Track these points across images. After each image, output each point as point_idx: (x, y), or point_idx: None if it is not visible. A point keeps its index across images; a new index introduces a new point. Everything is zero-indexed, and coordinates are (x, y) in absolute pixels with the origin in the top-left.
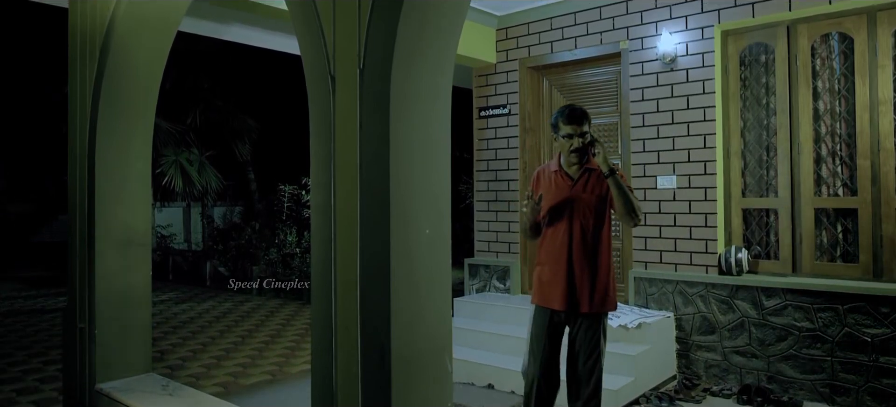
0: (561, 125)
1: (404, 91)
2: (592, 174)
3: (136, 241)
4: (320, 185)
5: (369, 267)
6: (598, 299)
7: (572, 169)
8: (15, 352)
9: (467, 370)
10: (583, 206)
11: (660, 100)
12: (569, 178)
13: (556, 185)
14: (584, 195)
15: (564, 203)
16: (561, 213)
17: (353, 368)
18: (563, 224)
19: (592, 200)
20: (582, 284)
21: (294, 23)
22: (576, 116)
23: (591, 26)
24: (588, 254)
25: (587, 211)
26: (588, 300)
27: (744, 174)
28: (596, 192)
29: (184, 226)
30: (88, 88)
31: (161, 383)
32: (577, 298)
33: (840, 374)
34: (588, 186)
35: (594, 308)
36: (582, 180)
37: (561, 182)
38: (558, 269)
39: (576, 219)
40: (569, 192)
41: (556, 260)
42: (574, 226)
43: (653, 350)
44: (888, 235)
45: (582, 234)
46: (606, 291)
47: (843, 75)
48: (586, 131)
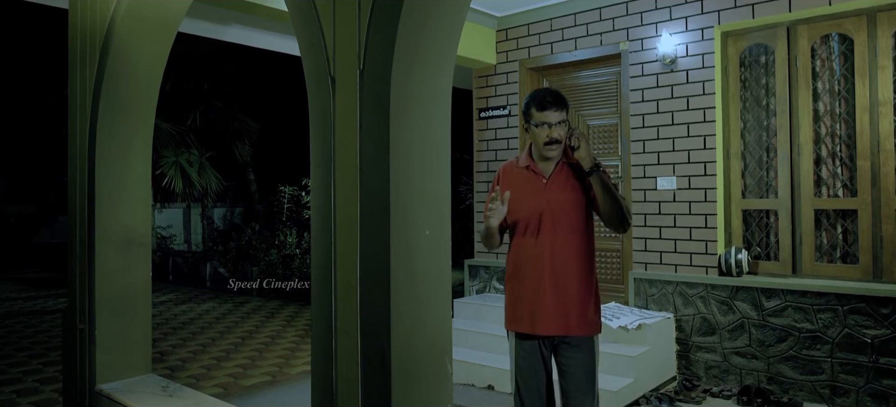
0: (533, 112)
1: (404, 92)
2: (570, 171)
3: (136, 241)
4: (320, 186)
5: (369, 268)
6: (579, 321)
7: (546, 165)
8: (15, 353)
9: (467, 371)
10: (560, 209)
11: (660, 101)
12: (541, 176)
13: (526, 185)
14: (561, 197)
15: (536, 206)
16: (533, 218)
17: (353, 369)
18: (536, 232)
19: (571, 203)
20: (560, 304)
21: (294, 24)
22: (550, 100)
23: (591, 27)
24: (567, 267)
25: (565, 216)
26: (570, 322)
27: (744, 175)
28: (575, 193)
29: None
30: (88, 90)
31: (161, 384)
32: (557, 320)
33: (840, 375)
34: (566, 186)
35: (580, 330)
36: (558, 178)
37: (532, 181)
38: (531, 286)
39: (551, 225)
40: (542, 192)
41: (528, 276)
42: (549, 234)
43: (653, 351)
44: (888, 235)
45: (559, 243)
46: (589, 312)
47: (843, 76)
48: (564, 119)
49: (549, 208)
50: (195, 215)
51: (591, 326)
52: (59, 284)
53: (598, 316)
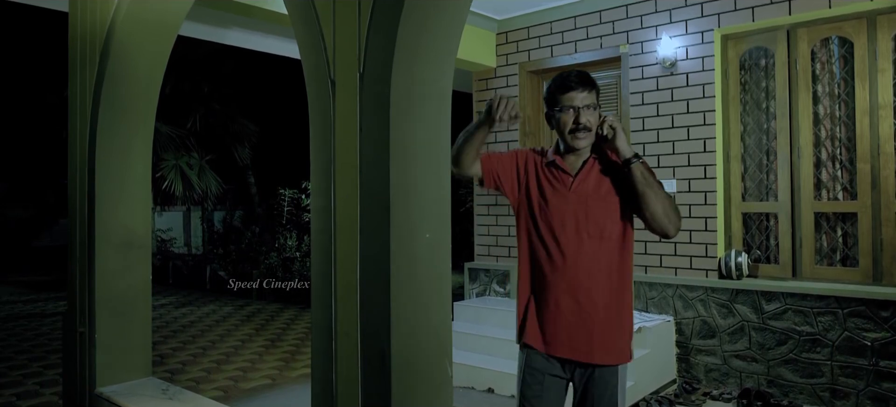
0: (557, 96)
1: (405, 95)
2: (601, 166)
3: (136, 244)
4: (320, 189)
5: (369, 271)
6: (603, 346)
7: (574, 159)
8: (15, 356)
9: (467, 374)
10: (588, 212)
11: (660, 104)
12: (566, 173)
13: (548, 183)
14: (590, 197)
15: (560, 208)
16: (555, 221)
17: (353, 372)
18: (558, 238)
19: (602, 204)
20: (581, 325)
21: (294, 27)
22: (575, 80)
23: (591, 30)
24: (592, 282)
25: (594, 220)
26: (592, 348)
27: (744, 178)
28: (608, 193)
29: (184, 230)
30: (88, 92)
31: (161, 387)
32: (575, 343)
33: (840, 378)
34: (598, 185)
35: (603, 358)
36: (587, 175)
37: (556, 178)
38: (548, 299)
39: (575, 231)
40: (567, 192)
41: (545, 287)
42: (573, 241)
43: (653, 354)
44: (888, 238)
45: (585, 253)
46: (616, 336)
47: (842, 79)
48: (594, 103)
49: (574, 211)
50: (195, 218)
51: (617, 355)
52: (59, 287)
53: (628, 342)
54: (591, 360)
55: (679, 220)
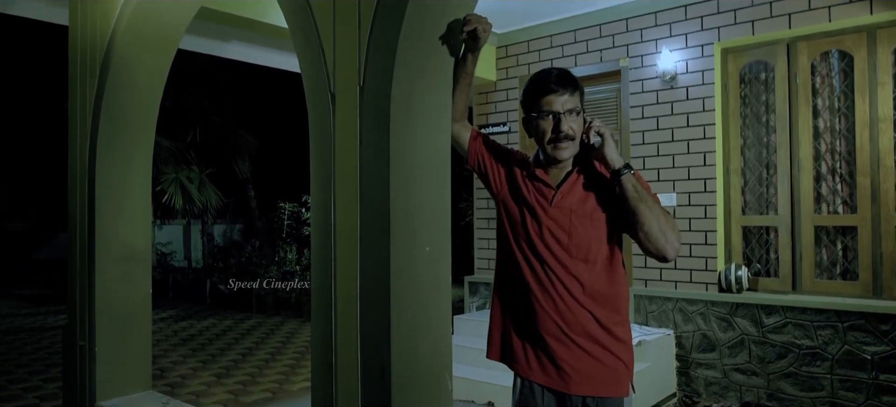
0: (534, 99)
1: (404, 108)
2: (589, 180)
3: (136, 257)
4: (320, 202)
5: (369, 284)
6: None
7: (556, 172)
8: (15, 369)
9: (467, 388)
10: (574, 230)
11: (660, 117)
12: (548, 186)
13: (527, 194)
14: (574, 213)
15: (538, 226)
16: (534, 241)
17: (353, 385)
18: (538, 259)
19: (587, 222)
20: (568, 354)
21: (294, 40)
22: (555, 81)
23: (591, 44)
24: (578, 309)
25: (577, 240)
26: (580, 379)
27: (744, 192)
28: (594, 210)
29: (184, 244)
30: (89, 106)
31: (161, 401)
32: (563, 374)
33: (840, 391)
34: (582, 200)
35: (595, 389)
36: (571, 189)
37: (536, 190)
38: (527, 327)
39: (558, 252)
40: (548, 207)
41: (524, 312)
42: (554, 264)
43: (653, 368)
44: (888, 252)
45: (568, 277)
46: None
47: (842, 93)
48: (577, 107)
49: (555, 229)
50: (195, 232)
51: (613, 386)
52: (59, 301)
53: (625, 372)
54: (581, 391)
55: (678, 240)
